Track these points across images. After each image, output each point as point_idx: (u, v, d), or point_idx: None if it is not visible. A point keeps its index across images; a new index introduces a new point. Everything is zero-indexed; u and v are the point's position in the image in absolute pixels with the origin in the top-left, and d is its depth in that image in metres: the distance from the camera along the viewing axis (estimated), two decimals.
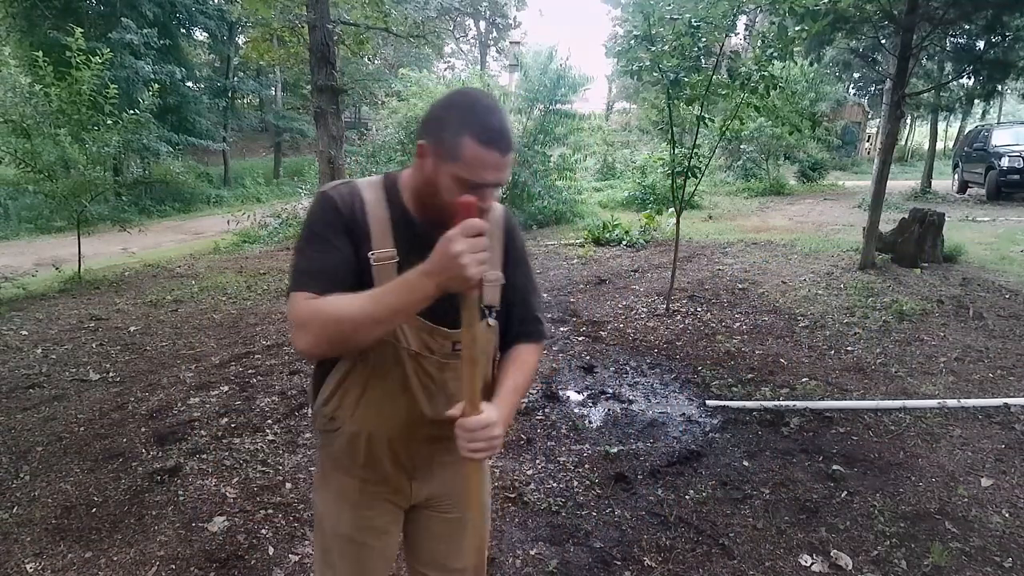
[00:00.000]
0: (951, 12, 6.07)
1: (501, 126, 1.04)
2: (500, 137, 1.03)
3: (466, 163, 1.02)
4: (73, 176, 6.54)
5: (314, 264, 1.07)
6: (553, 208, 10.81)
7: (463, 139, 1.01)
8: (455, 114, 1.03)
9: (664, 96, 4.80)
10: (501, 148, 1.03)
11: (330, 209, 1.09)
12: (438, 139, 1.04)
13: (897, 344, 4.28)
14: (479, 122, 1.02)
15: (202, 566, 2.16)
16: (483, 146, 1.01)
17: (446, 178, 1.04)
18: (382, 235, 1.11)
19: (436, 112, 1.07)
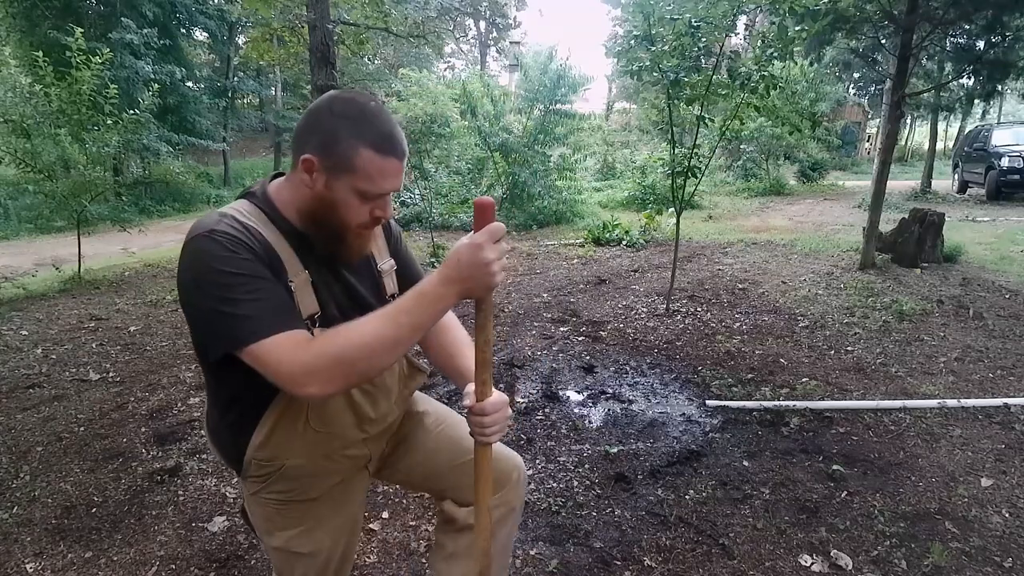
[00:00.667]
0: (951, 12, 6.07)
1: (393, 131, 0.99)
2: (396, 143, 0.99)
3: (365, 174, 0.97)
4: (73, 176, 6.54)
5: (269, 303, 0.94)
6: (553, 208, 10.81)
7: (359, 150, 0.95)
8: (344, 124, 0.96)
9: (664, 96, 4.80)
10: (398, 154, 0.99)
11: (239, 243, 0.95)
12: (328, 152, 0.97)
13: (897, 344, 4.28)
14: (373, 131, 0.96)
15: (202, 566, 2.16)
16: (381, 155, 0.97)
17: (343, 192, 0.98)
18: (291, 260, 1.02)
19: (320, 123, 0.98)
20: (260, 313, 0.92)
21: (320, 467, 1.15)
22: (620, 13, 19.96)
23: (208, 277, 0.93)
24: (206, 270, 0.93)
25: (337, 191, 0.98)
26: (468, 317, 2.87)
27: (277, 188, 1.07)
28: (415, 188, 10.52)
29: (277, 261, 1.00)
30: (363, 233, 1.06)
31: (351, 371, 0.92)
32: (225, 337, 0.94)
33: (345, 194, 0.98)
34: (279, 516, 1.19)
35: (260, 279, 0.94)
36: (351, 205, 0.99)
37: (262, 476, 1.14)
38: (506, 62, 26.77)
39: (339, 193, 0.98)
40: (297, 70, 18.33)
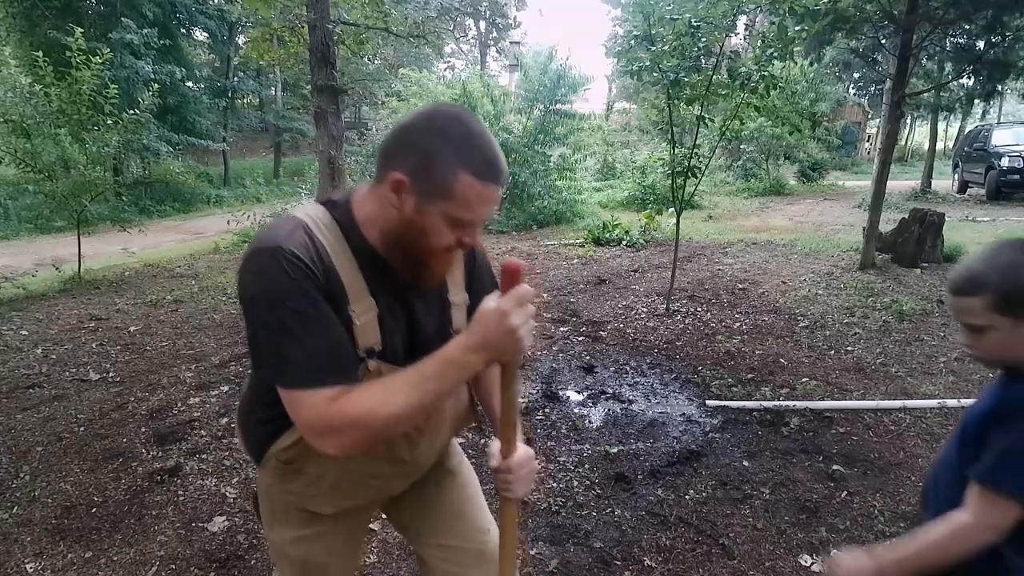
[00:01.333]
0: (951, 12, 6.07)
1: (496, 155, 0.91)
2: (499, 170, 0.92)
3: (463, 201, 0.89)
4: (73, 176, 6.54)
5: (315, 348, 0.88)
6: (553, 208, 10.82)
7: (459, 176, 0.88)
8: (445, 145, 0.88)
9: (664, 96, 4.80)
10: (500, 180, 0.92)
11: (301, 269, 0.88)
12: (423, 174, 0.89)
13: (897, 344, 4.28)
14: (477, 155, 0.89)
15: (202, 566, 2.16)
16: (482, 182, 0.89)
17: (434, 217, 0.91)
18: (357, 287, 0.95)
19: (416, 140, 0.90)
20: (302, 360, 0.88)
21: (339, 484, 1.11)
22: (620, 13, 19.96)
23: (266, 301, 0.88)
24: (265, 294, 0.88)
25: (428, 216, 0.91)
26: None
27: (361, 201, 0.98)
28: None
29: (338, 287, 0.93)
30: (446, 257, 0.98)
31: (369, 436, 0.90)
32: (265, 367, 0.92)
33: (436, 220, 0.91)
34: (283, 514, 1.17)
35: (315, 318, 0.89)
36: (441, 231, 0.92)
37: (279, 473, 1.11)
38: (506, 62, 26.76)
39: (430, 219, 0.91)
40: (297, 70, 18.33)
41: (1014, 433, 1.01)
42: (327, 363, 0.89)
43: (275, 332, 0.88)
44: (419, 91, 11.68)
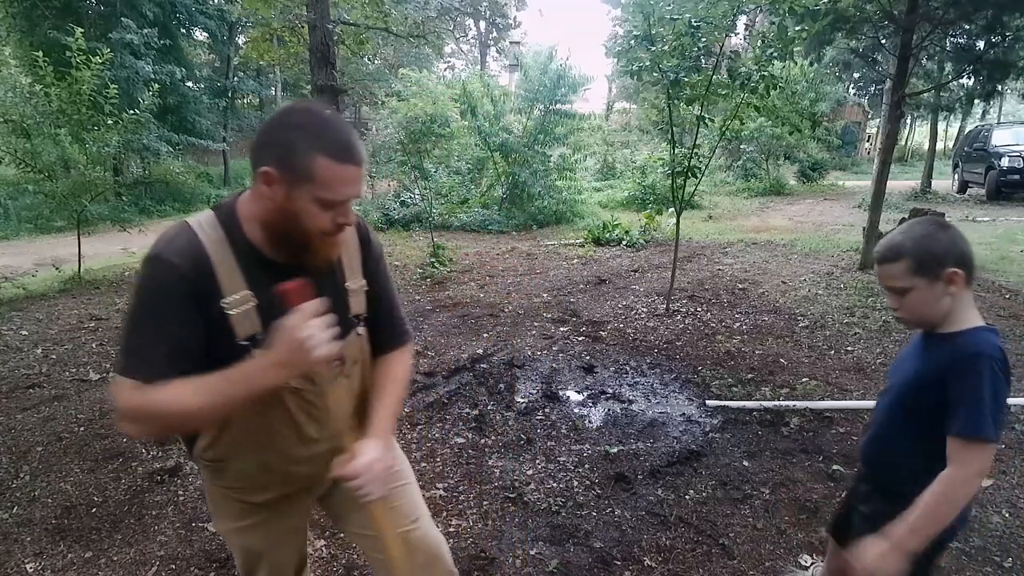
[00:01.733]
0: (951, 12, 6.07)
1: (349, 138, 1.00)
2: (353, 150, 1.00)
3: (323, 183, 0.98)
4: (73, 176, 6.54)
5: (145, 347, 1.00)
6: (553, 208, 10.82)
7: (316, 159, 0.97)
8: (300, 135, 0.98)
9: (664, 96, 4.80)
10: (356, 160, 1.01)
11: (168, 278, 0.99)
12: (286, 163, 0.98)
13: (897, 344, 4.28)
14: (329, 139, 0.98)
15: (202, 566, 2.16)
16: (339, 162, 0.98)
17: (303, 202, 0.99)
18: (231, 280, 1.03)
19: (276, 135, 1.00)
20: (140, 351, 1.00)
21: (263, 476, 1.20)
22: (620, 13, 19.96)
23: (133, 298, 1.02)
24: (134, 292, 1.02)
25: (297, 201, 1.00)
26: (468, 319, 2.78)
27: (244, 202, 1.08)
28: (415, 188, 10.52)
29: (212, 283, 1.01)
30: (328, 240, 1.06)
31: (165, 426, 1.02)
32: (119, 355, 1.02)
33: (306, 203, 1.00)
34: (224, 505, 1.27)
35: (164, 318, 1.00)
36: (313, 213, 1.00)
37: (209, 470, 1.22)
38: (506, 62, 26.77)
39: (300, 203, 1.00)
40: (297, 70, 18.34)
41: (971, 380, 1.16)
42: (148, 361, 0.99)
43: (129, 323, 1.02)
44: (419, 91, 11.67)
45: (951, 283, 1.23)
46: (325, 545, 2.26)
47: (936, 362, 1.25)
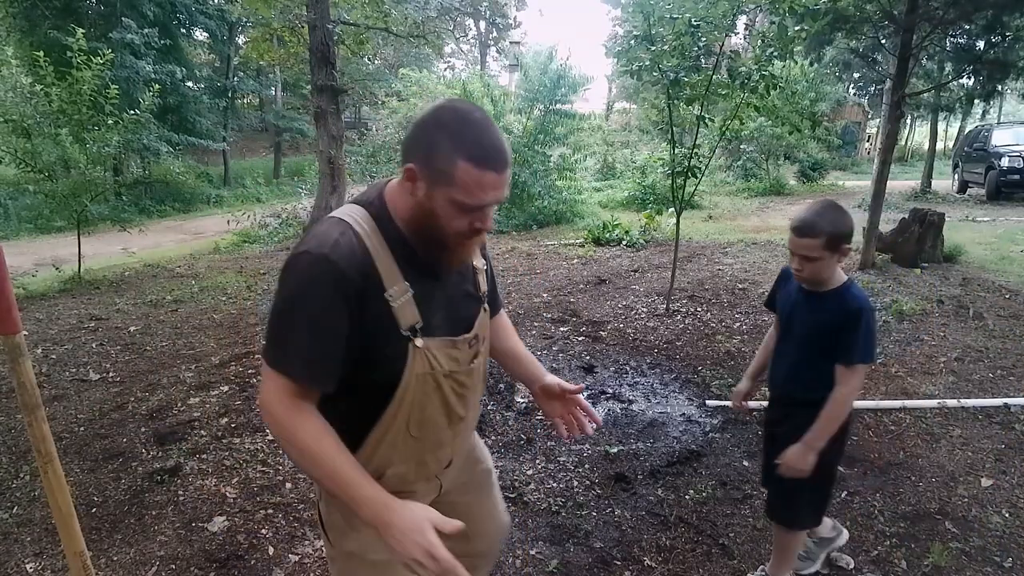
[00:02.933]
0: (951, 12, 6.07)
1: (495, 143, 0.98)
2: (496, 155, 0.98)
3: (463, 187, 0.97)
4: (73, 176, 6.54)
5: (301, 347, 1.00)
6: (553, 208, 10.82)
7: (457, 162, 0.95)
8: (445, 135, 0.96)
9: (664, 96, 4.79)
10: (498, 167, 0.98)
11: (333, 282, 0.99)
12: (428, 162, 0.98)
13: (897, 344, 4.28)
14: (473, 142, 0.96)
15: (202, 566, 2.16)
16: (479, 167, 0.96)
17: (442, 202, 0.99)
18: (390, 274, 1.04)
19: (422, 132, 1.00)
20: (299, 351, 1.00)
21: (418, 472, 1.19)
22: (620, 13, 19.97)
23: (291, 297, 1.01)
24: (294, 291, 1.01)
25: (436, 201, 0.99)
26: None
27: (391, 195, 1.08)
28: None
29: (376, 280, 1.02)
30: (465, 242, 1.06)
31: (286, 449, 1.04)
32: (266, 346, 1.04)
33: (444, 205, 0.99)
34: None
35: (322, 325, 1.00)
36: (451, 215, 1.00)
37: None
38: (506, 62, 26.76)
39: (439, 203, 0.99)
40: (297, 70, 18.32)
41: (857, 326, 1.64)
42: (306, 363, 1.00)
43: (281, 320, 1.02)
44: (419, 91, 11.69)
45: (843, 255, 1.70)
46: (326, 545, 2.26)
47: (831, 315, 1.68)
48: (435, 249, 1.06)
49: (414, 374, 1.07)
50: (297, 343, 0.99)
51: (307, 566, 2.16)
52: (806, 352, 1.76)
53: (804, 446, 1.67)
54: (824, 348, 1.68)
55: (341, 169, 9.88)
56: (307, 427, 0.99)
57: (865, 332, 1.64)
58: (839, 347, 1.65)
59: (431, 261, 1.08)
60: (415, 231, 1.06)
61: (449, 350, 1.11)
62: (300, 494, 2.59)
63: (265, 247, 9.20)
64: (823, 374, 1.69)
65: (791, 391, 1.83)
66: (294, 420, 0.99)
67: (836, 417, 1.68)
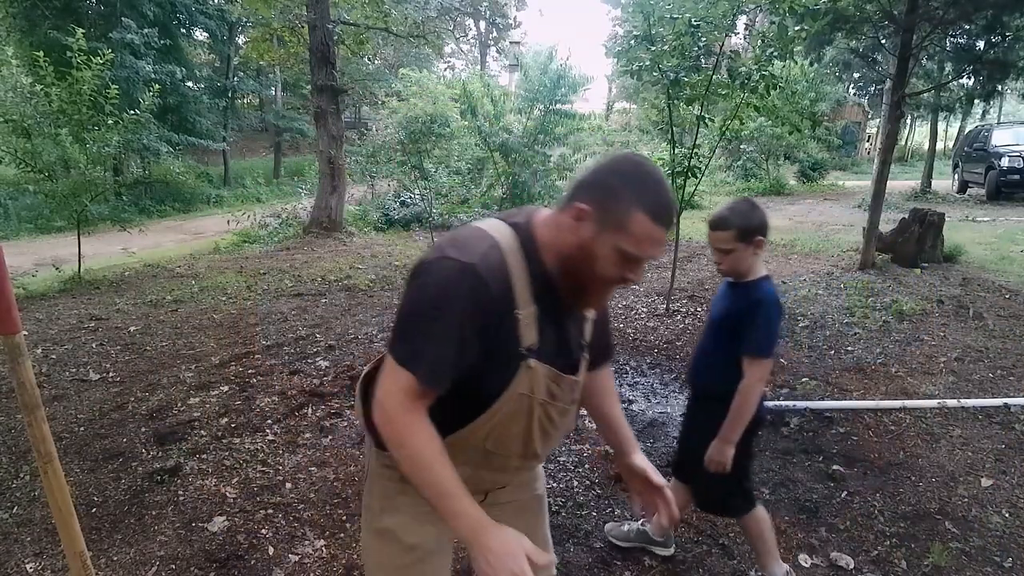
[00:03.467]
0: (951, 12, 6.06)
1: (671, 202, 1.01)
2: (669, 214, 1.01)
3: (634, 238, 0.99)
4: (73, 176, 6.54)
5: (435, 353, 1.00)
6: None
7: (635, 213, 0.98)
8: (627, 185, 0.99)
9: (664, 96, 4.79)
10: (668, 224, 1.01)
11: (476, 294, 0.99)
12: (605, 207, 0.99)
13: (897, 344, 4.28)
14: (653, 198, 0.99)
15: (202, 566, 2.16)
16: (655, 222, 0.99)
17: (606, 248, 1.00)
18: (524, 295, 1.05)
19: (603, 177, 1.02)
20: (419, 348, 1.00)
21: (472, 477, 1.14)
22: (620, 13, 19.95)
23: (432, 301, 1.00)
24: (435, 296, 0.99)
25: (601, 246, 1.00)
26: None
27: (543, 225, 1.08)
28: (415, 188, 10.52)
29: (508, 297, 1.03)
30: (608, 290, 1.09)
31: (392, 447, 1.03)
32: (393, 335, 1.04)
33: (608, 250, 1.00)
34: (400, 496, 1.20)
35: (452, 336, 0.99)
36: (610, 261, 1.01)
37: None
38: (506, 62, 26.76)
39: (603, 248, 1.00)
40: (297, 70, 18.33)
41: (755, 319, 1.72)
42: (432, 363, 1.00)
43: (418, 320, 1.01)
44: (419, 91, 11.66)
45: (758, 247, 1.75)
46: (325, 545, 2.26)
47: (737, 304, 1.79)
48: (577, 289, 1.08)
49: (516, 391, 1.08)
50: (432, 348, 0.99)
51: (307, 566, 2.16)
52: (715, 340, 1.87)
53: (720, 441, 1.78)
54: (731, 336, 1.78)
55: (341, 169, 9.89)
56: (420, 430, 1.00)
57: (763, 325, 1.72)
58: (742, 337, 1.74)
59: (566, 299, 1.09)
60: (565, 268, 1.06)
61: (552, 383, 1.11)
62: (300, 494, 2.59)
63: (265, 247, 9.19)
64: (732, 365, 1.76)
65: (705, 382, 1.93)
66: (410, 421, 1.00)
67: (743, 409, 1.74)
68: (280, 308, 5.39)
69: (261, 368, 3.99)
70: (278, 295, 5.90)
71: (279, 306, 5.48)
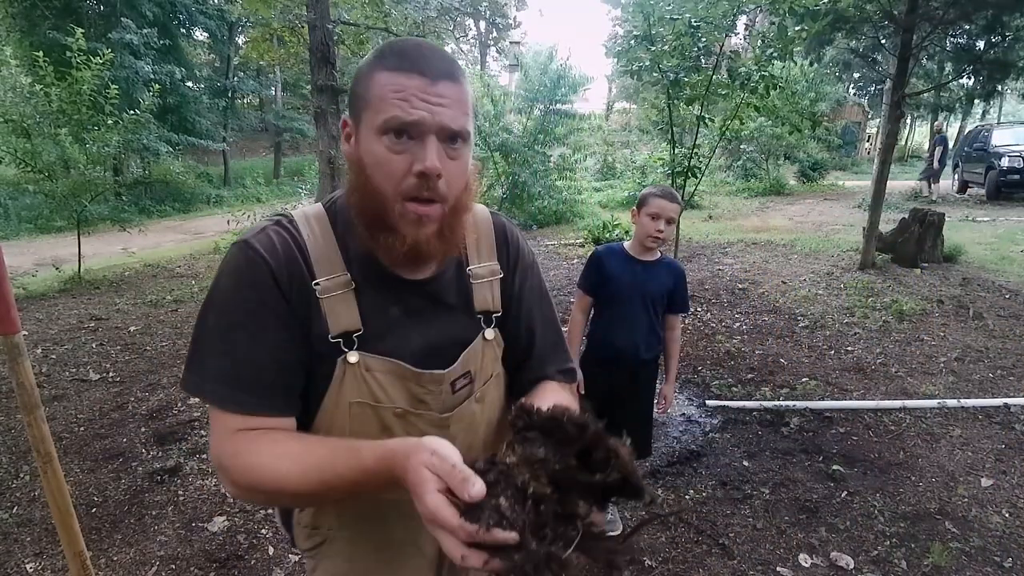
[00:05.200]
0: (951, 12, 6.06)
1: (419, 48, 0.75)
2: (419, 58, 0.73)
3: (379, 101, 0.73)
4: (73, 176, 6.54)
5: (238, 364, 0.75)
6: (553, 208, 10.82)
7: (373, 77, 0.74)
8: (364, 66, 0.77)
9: (664, 96, 4.80)
10: (422, 70, 0.73)
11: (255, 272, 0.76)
12: (352, 101, 0.78)
13: (897, 344, 4.28)
14: (390, 53, 0.75)
15: (202, 566, 2.16)
16: (393, 72, 0.73)
17: (367, 139, 0.75)
18: (327, 263, 0.80)
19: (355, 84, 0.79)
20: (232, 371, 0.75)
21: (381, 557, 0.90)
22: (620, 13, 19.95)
23: (212, 297, 0.79)
24: (215, 289, 0.79)
25: (363, 142, 0.76)
26: None
27: None
28: None
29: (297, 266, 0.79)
30: (411, 211, 0.75)
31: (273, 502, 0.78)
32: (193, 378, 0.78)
33: (369, 141, 0.74)
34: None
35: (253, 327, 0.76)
36: (377, 159, 0.74)
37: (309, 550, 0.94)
38: (506, 62, 26.77)
39: (364, 144, 0.75)
40: (297, 70, 18.34)
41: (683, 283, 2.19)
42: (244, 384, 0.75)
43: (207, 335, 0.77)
44: None
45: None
46: None
47: (666, 277, 2.13)
48: (374, 228, 0.77)
49: (345, 399, 0.80)
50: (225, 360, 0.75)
51: (307, 566, 2.16)
52: (651, 315, 2.13)
53: (670, 385, 2.28)
54: (661, 308, 2.15)
55: (341, 169, 9.88)
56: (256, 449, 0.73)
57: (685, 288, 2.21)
58: (675, 302, 2.16)
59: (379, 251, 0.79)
60: (353, 209, 0.80)
61: (406, 383, 0.82)
62: None
63: None
64: (657, 332, 2.16)
65: (639, 353, 2.15)
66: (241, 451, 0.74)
67: (678, 355, 2.28)
68: None
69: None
70: None
71: None
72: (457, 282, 0.89)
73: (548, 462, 0.59)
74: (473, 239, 0.90)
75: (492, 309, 0.91)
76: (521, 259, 0.97)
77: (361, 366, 0.80)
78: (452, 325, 0.87)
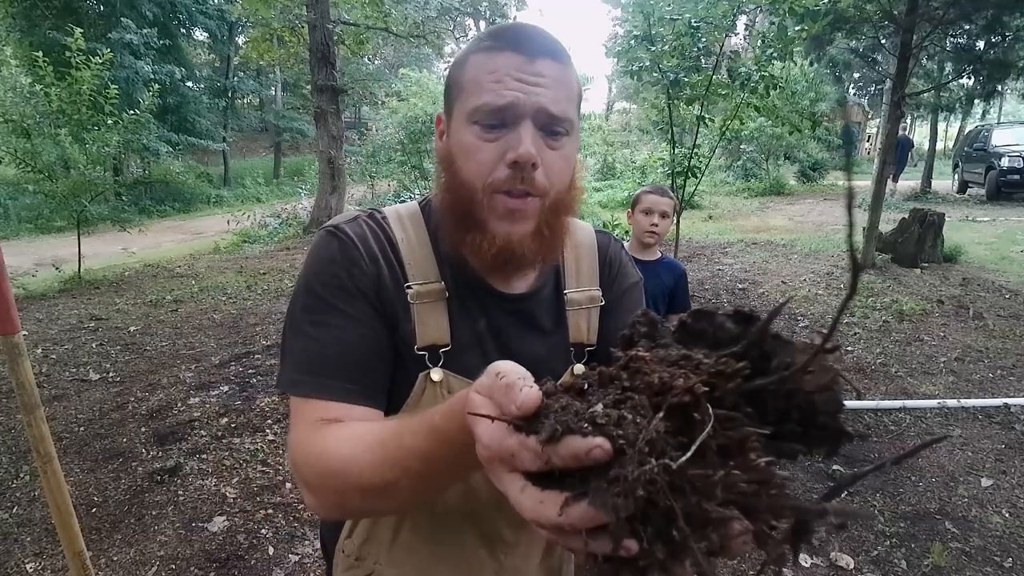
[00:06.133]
0: (951, 12, 6.07)
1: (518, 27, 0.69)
2: (515, 35, 0.66)
3: (472, 85, 0.66)
4: (73, 176, 6.54)
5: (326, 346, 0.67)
6: None
7: (468, 61, 0.68)
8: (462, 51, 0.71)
9: (664, 96, 4.80)
10: (519, 47, 0.65)
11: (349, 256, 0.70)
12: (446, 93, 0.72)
13: (897, 344, 4.28)
14: (487, 34, 0.69)
15: (202, 566, 2.16)
16: (488, 53, 0.66)
17: (458, 130, 0.68)
18: (421, 266, 0.73)
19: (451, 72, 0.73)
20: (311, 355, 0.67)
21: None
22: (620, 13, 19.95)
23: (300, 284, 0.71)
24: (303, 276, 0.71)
25: (454, 132, 0.69)
26: None
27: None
28: (415, 188, 10.52)
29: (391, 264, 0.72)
30: (502, 203, 0.66)
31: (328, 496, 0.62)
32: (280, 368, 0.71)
33: (460, 132, 0.67)
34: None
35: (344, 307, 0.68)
36: (467, 145, 0.66)
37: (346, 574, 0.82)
38: None
39: (456, 134, 0.68)
40: (297, 70, 18.34)
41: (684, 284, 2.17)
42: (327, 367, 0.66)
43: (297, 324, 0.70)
44: (419, 91, 11.67)
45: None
46: None
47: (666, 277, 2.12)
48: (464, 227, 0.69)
49: None
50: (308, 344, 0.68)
51: (307, 566, 2.16)
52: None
53: None
54: (663, 308, 2.11)
55: (341, 169, 9.89)
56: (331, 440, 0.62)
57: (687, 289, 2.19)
58: (675, 303, 2.13)
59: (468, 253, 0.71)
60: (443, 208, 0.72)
61: None
62: (300, 494, 2.59)
63: (265, 247, 9.19)
64: None
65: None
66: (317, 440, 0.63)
67: None
68: (280, 308, 5.38)
69: (261, 368, 3.99)
70: (278, 295, 5.89)
71: (279, 306, 5.47)
72: (554, 304, 0.79)
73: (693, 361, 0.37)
74: (572, 258, 0.81)
75: (586, 342, 0.81)
76: (628, 290, 0.84)
77: (444, 386, 0.71)
78: (541, 352, 0.77)
